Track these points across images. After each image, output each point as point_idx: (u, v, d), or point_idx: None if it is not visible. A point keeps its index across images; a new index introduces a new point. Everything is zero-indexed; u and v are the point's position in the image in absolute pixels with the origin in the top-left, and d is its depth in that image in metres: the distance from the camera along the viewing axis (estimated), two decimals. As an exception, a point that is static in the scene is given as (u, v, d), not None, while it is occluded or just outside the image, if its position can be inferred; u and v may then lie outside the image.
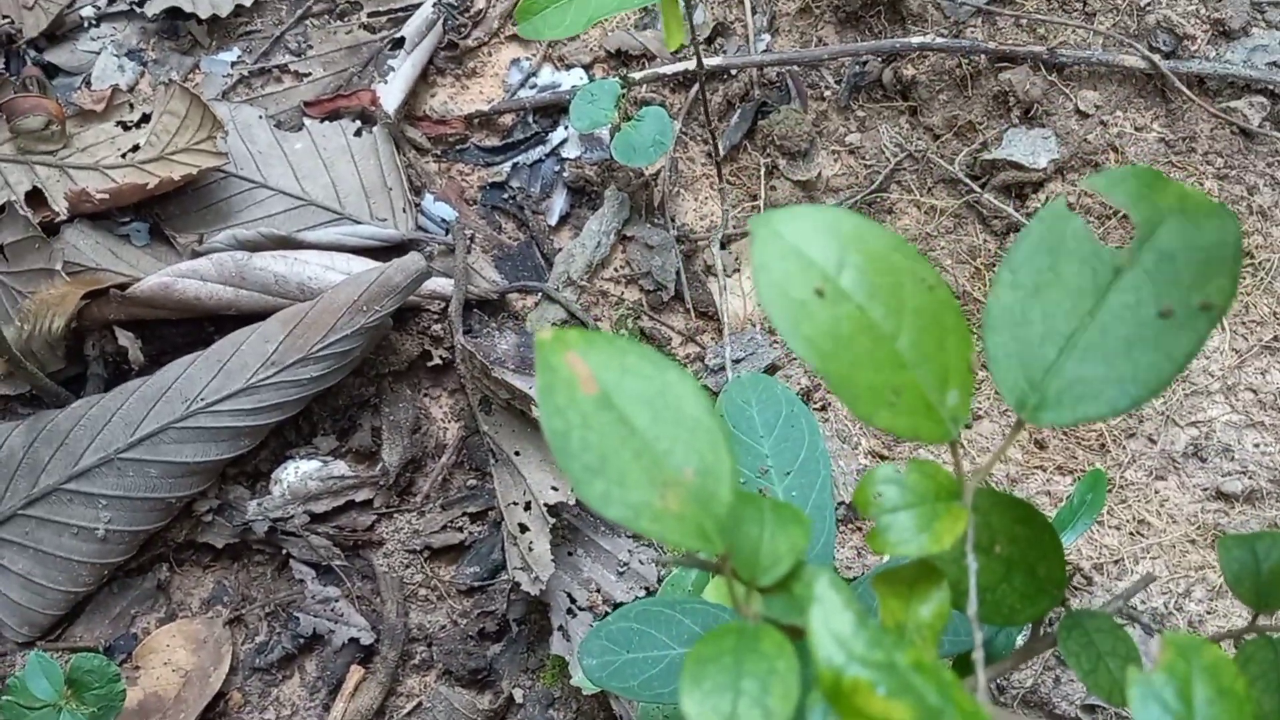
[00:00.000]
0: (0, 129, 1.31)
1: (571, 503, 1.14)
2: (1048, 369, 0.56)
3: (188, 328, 1.26)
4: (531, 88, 1.39)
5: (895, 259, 0.56)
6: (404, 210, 1.31)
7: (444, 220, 1.32)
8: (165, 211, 1.30)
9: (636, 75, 1.32)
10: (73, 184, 1.28)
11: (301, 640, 1.17)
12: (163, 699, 1.16)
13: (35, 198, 1.27)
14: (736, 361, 1.20)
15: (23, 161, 1.29)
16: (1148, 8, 1.24)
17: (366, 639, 1.16)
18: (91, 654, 1.08)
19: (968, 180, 1.25)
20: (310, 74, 1.41)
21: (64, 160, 1.30)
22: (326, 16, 1.44)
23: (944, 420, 0.55)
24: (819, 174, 1.29)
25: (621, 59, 1.40)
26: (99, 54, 1.40)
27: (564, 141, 1.36)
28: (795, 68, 1.33)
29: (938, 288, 0.56)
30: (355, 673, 1.16)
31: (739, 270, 1.27)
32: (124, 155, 1.29)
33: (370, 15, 1.44)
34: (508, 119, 1.38)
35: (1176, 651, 0.49)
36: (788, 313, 0.54)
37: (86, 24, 1.42)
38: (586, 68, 1.39)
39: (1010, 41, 1.26)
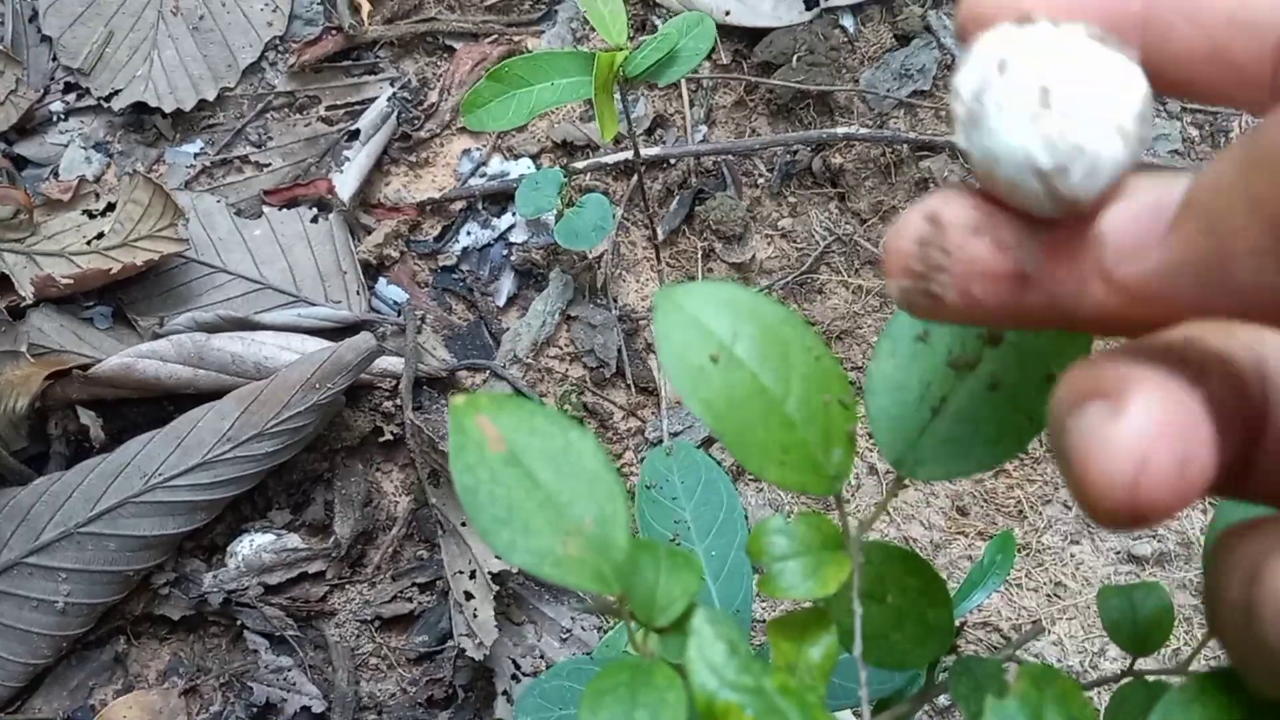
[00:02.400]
0: (-30, 218, 1.36)
1: (515, 571, 1.18)
2: (922, 430, 0.61)
3: (148, 406, 1.31)
4: (481, 176, 1.46)
5: (785, 330, 0.62)
6: (358, 293, 1.37)
7: (396, 302, 1.38)
8: (128, 295, 1.35)
9: (579, 164, 1.39)
10: (39, 270, 1.33)
11: (255, 709, 1.20)
12: (118, 769, 1.19)
13: (2, 283, 1.32)
14: (675, 434, 1.25)
15: (-9, 249, 1.35)
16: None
17: (318, 707, 1.20)
18: (48, 724, 1.12)
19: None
20: (270, 164, 1.47)
21: (31, 247, 1.35)
22: (286, 110, 1.51)
23: (828, 476, 0.61)
24: (753, 256, 1.36)
25: (567, 149, 1.47)
26: (67, 146, 1.46)
27: (512, 227, 1.42)
28: (730, 157, 1.41)
29: (824, 357, 0.62)
30: (307, 740, 1.20)
31: (678, 348, 1.33)
32: (89, 242, 1.35)
33: (328, 109, 1.51)
34: (458, 205, 1.44)
35: (1030, 681, 0.55)
36: (687, 378, 0.60)
37: (55, 118, 1.49)
38: (534, 157, 1.47)
39: (930, 132, 1.34)
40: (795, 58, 1.41)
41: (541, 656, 1.19)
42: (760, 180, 1.41)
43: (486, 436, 0.57)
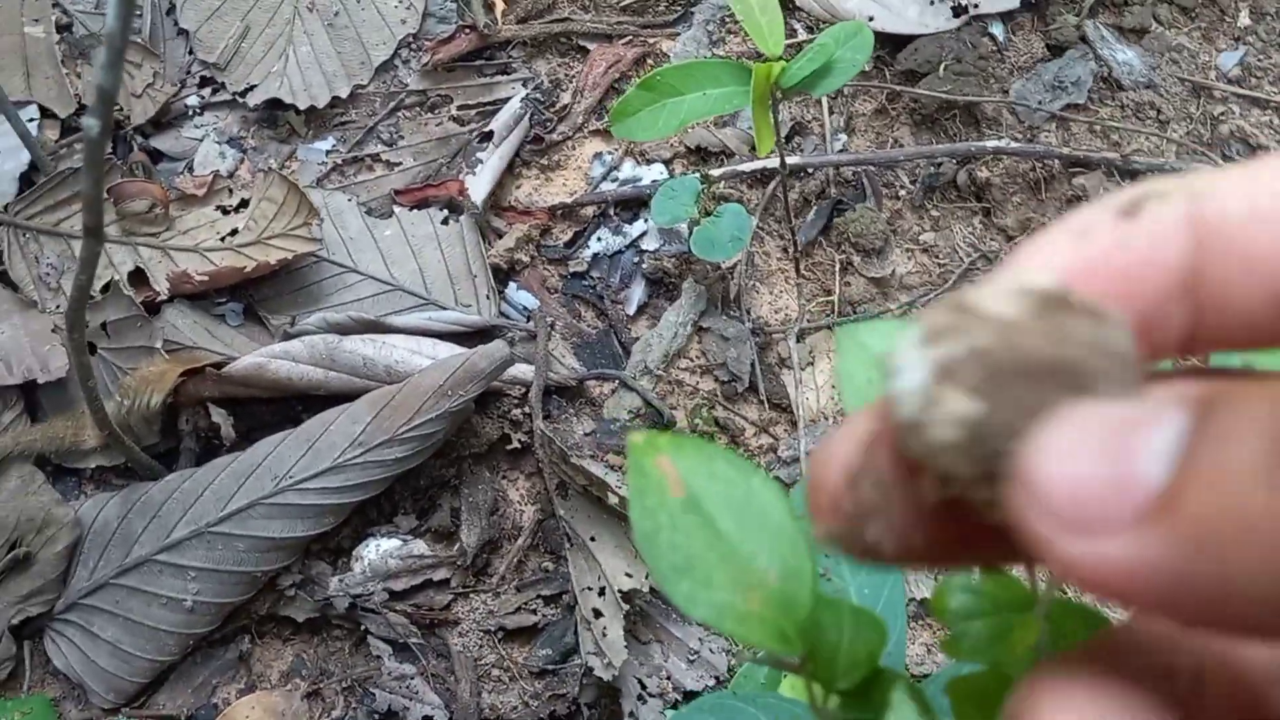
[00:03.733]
0: (108, 211, 1.37)
1: (645, 590, 1.16)
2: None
3: (277, 406, 1.30)
4: (613, 181, 1.44)
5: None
6: (487, 297, 1.35)
7: (525, 308, 1.37)
8: (259, 293, 1.35)
9: (716, 172, 1.36)
10: (174, 265, 1.34)
11: (377, 716, 1.19)
12: (240, 769, 1.19)
13: (138, 277, 1.33)
14: (809, 454, 1.22)
15: (127, 243, 1.35)
16: (1221, 117, 1.26)
17: (439, 717, 1.19)
18: (176, 723, 1.12)
19: (1040, 281, 1.27)
20: (401, 163, 1.46)
21: (166, 242, 1.36)
22: (418, 109, 1.50)
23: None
24: (893, 271, 1.32)
25: (700, 155, 1.44)
26: (201, 141, 1.47)
27: (643, 234, 1.40)
28: (872, 167, 1.37)
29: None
30: (428, 750, 1.19)
31: (812, 364, 1.30)
32: (223, 239, 1.35)
33: (460, 108, 1.49)
34: (589, 210, 1.42)
35: None
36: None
37: (190, 112, 1.49)
38: (666, 163, 1.44)
39: (1084, 147, 1.29)
40: (942, 66, 1.36)
41: (668, 678, 1.17)
42: (901, 192, 1.37)
43: (666, 479, 0.54)
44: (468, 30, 1.51)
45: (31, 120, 1.44)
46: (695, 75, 1.03)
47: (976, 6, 1.39)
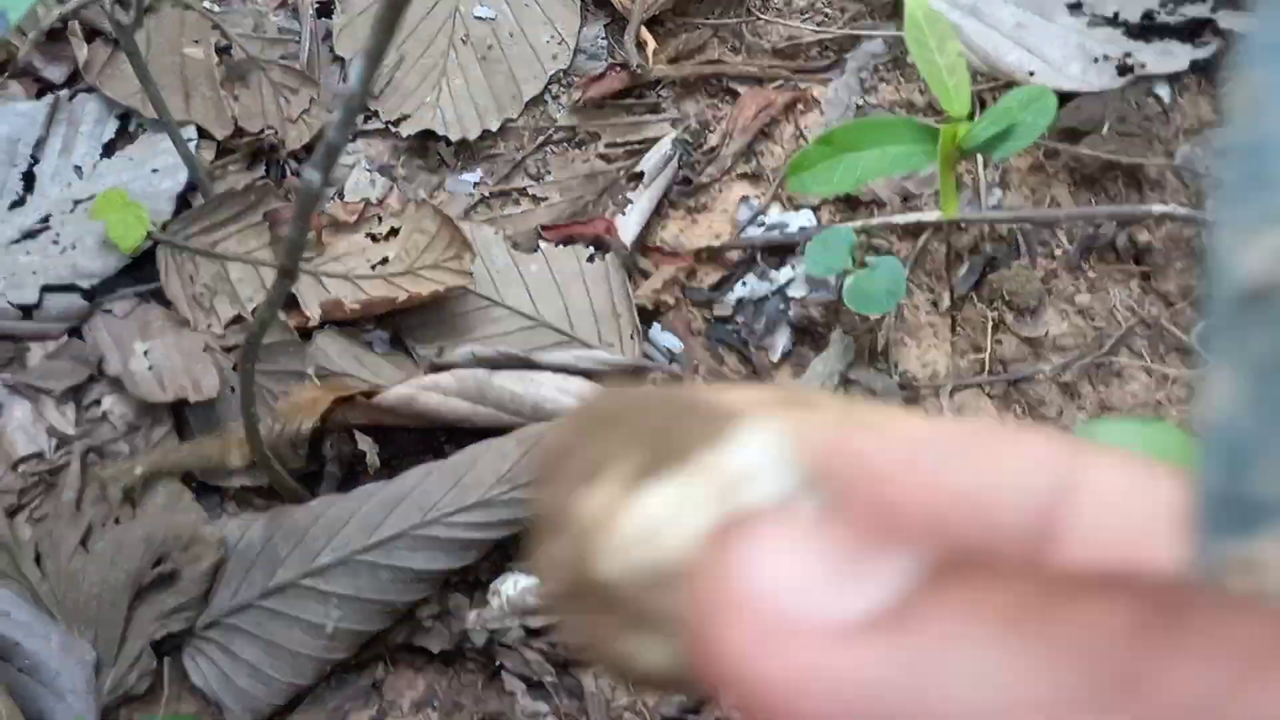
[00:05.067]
0: (262, 235, 1.39)
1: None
2: None
3: (419, 435, 1.31)
4: (759, 225, 1.43)
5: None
6: (631, 337, 1.35)
7: (669, 349, 1.36)
8: (406, 322, 1.36)
9: (873, 222, 1.35)
10: (325, 291, 1.35)
11: (508, 753, 1.19)
12: (370, 798, 1.19)
13: (289, 302, 1.34)
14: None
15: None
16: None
17: (572, 759, 1.18)
18: (313, 749, 1.12)
19: (1203, 351, 1.24)
20: (547, 198, 1.47)
21: (318, 268, 1.37)
22: (565, 145, 1.51)
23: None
24: (1046, 332, 1.30)
25: (849, 203, 1.43)
26: (352, 168, 1.49)
27: (790, 281, 1.39)
28: (1028, 225, 1.35)
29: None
30: (557, 791, 1.18)
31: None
32: (373, 266, 1.37)
33: (607, 146, 1.50)
34: (735, 254, 1.41)
35: None
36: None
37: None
38: (814, 209, 1.43)
39: (1253, 215, 1.26)
40: (1106, 126, 1.34)
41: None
42: (1057, 251, 1.35)
43: None
44: (618, 68, 1.52)
45: (190, 140, 1.47)
46: (875, 132, 1.02)
47: (1144, 67, 1.36)
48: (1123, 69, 1.38)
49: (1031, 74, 1.39)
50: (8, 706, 1.06)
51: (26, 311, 1.36)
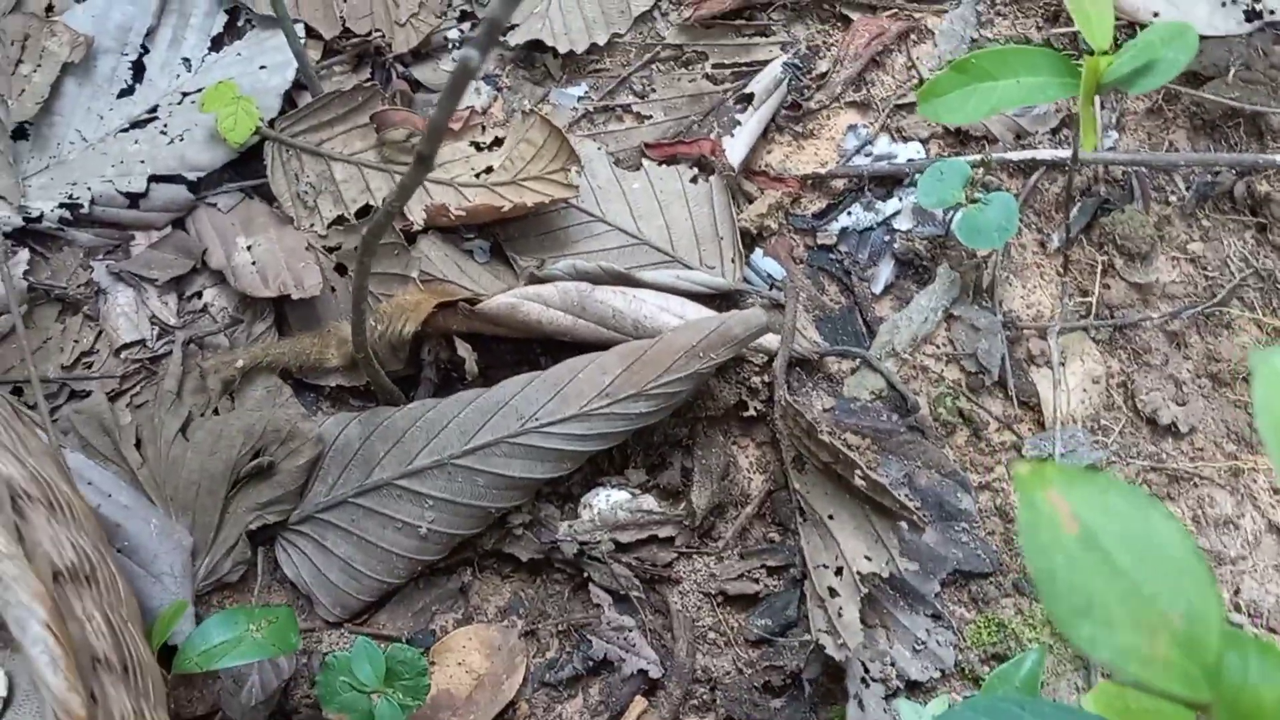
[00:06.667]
0: (367, 137, 1.39)
1: (885, 575, 1.15)
2: None
3: (517, 346, 1.32)
4: (866, 155, 1.41)
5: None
6: (733, 261, 1.34)
7: (769, 275, 1.35)
8: (506, 233, 1.36)
9: (992, 156, 1.32)
10: (429, 197, 1.35)
11: (591, 663, 1.20)
12: (454, 697, 1.21)
13: (393, 205, 1.34)
14: (1060, 456, 1.19)
15: (385, 170, 1.37)
16: None
17: (654, 672, 1.19)
18: (404, 646, 1.14)
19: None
20: (651, 116, 1.46)
21: (422, 173, 1.37)
22: (672, 63, 1.49)
23: None
24: (1156, 279, 1.28)
25: (960, 137, 1.41)
26: (458, 75, 1.48)
27: (897, 213, 1.37)
28: (1144, 169, 1.32)
29: None
30: (638, 704, 1.19)
31: (1064, 364, 1.27)
32: (477, 175, 1.36)
33: (715, 66, 1.48)
34: (841, 183, 1.40)
35: None
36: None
37: (450, 45, 1.50)
38: (924, 142, 1.41)
39: (1381, 170, 1.23)
40: (1231, 72, 1.31)
41: (892, 664, 1.15)
42: (1172, 198, 1.32)
43: (1059, 515, 0.53)
44: (730, -12, 1.49)
45: (299, 39, 1.46)
46: (1011, 61, 1.00)
47: (1273, 13, 1.33)
48: (1250, 14, 1.34)
49: (1156, 14, 1.36)
50: (123, 582, 1.08)
51: (133, 200, 1.37)
